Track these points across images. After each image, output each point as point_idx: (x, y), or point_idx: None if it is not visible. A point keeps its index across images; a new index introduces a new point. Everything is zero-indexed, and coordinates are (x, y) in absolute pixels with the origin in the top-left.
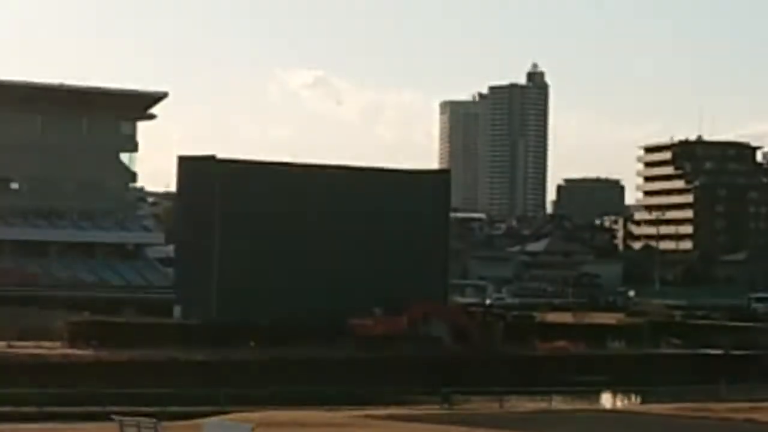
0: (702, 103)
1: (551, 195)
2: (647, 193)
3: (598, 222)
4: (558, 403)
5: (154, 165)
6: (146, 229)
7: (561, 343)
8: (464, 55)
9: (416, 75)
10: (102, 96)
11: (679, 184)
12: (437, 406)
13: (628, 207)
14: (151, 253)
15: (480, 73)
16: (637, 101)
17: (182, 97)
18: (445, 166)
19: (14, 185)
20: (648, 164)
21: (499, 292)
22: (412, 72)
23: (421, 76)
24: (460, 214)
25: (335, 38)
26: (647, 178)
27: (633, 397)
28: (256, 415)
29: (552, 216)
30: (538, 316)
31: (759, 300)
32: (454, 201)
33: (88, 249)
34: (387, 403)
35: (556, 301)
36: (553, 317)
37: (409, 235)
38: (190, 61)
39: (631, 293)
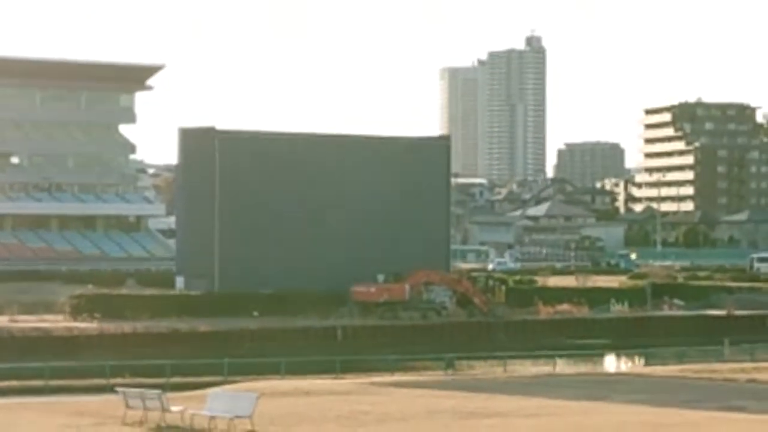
0: (702, 64)
1: (551, 159)
2: (648, 155)
3: (598, 185)
4: (561, 367)
5: (153, 136)
6: (147, 200)
7: (563, 307)
8: (463, 22)
9: (415, 42)
10: (100, 69)
11: (680, 145)
12: (441, 372)
13: (629, 169)
14: (153, 224)
15: (478, 39)
16: (635, 63)
17: (180, 68)
18: (444, 132)
19: (15, 159)
20: (648, 126)
21: (501, 256)
22: (411, 39)
23: (420, 43)
24: (460, 180)
25: (334, 6)
26: (647, 140)
27: (636, 360)
28: (261, 384)
29: (552, 180)
30: (540, 280)
31: (761, 260)
32: (454, 167)
33: (89, 222)
34: (391, 370)
35: (558, 264)
36: (555, 281)
37: (410, 201)
38: (186, 32)
39: (633, 255)
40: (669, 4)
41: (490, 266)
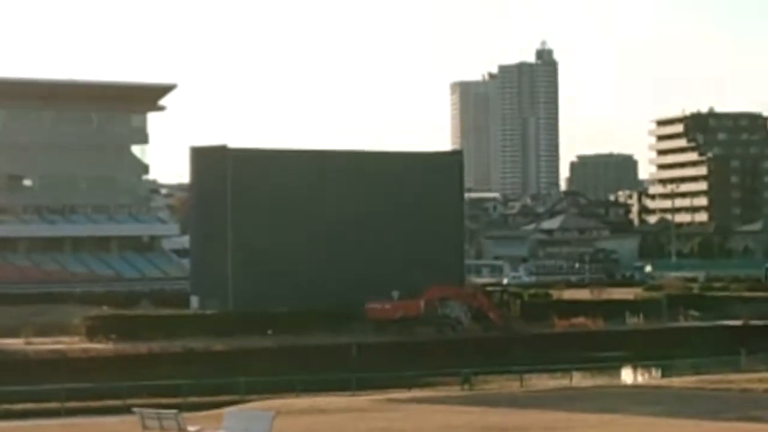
0: (713, 74)
1: (564, 172)
2: (661, 167)
3: (612, 197)
4: (578, 380)
5: (166, 156)
6: (160, 220)
7: (579, 320)
8: (473, 36)
9: (425, 57)
10: (111, 90)
11: (693, 156)
12: (458, 388)
13: (642, 181)
14: (167, 244)
15: (489, 53)
16: (646, 74)
17: (192, 88)
18: (457, 146)
19: (27, 182)
20: (660, 137)
21: (516, 270)
22: (421, 54)
23: (431, 58)
24: (473, 195)
25: (344, 22)
26: (660, 152)
27: (653, 372)
28: (277, 403)
29: (566, 193)
30: (555, 293)
31: None
32: (468, 181)
33: (103, 243)
34: (407, 387)
35: (573, 277)
36: (570, 294)
37: (424, 217)
38: (197, 52)
39: (648, 267)
40: (680, 15)
41: (505, 280)
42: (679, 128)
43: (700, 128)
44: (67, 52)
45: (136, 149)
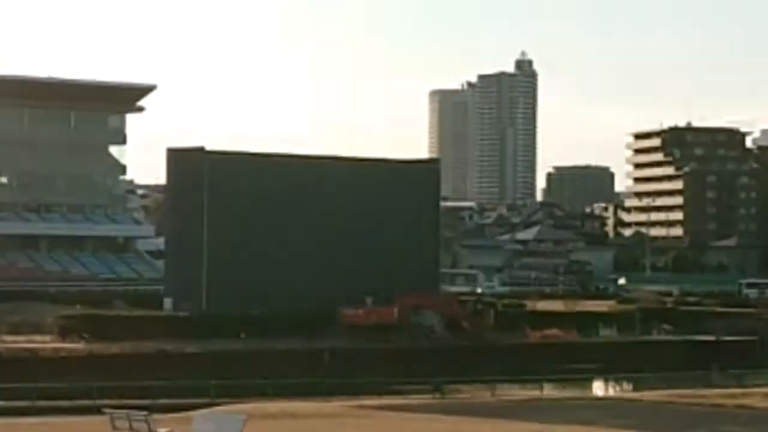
0: (691, 89)
1: (541, 183)
2: (637, 180)
3: (588, 209)
4: (550, 391)
5: (143, 157)
6: (136, 221)
7: (552, 331)
8: (452, 44)
9: (404, 64)
10: (90, 89)
11: (669, 170)
12: (429, 396)
13: (618, 194)
14: (142, 245)
15: (468, 62)
16: (625, 88)
17: (171, 89)
18: (434, 155)
19: (3, 179)
20: (637, 151)
21: (490, 280)
22: (400, 61)
23: (410, 66)
24: (449, 203)
25: (324, 27)
26: (637, 165)
27: (625, 385)
28: (248, 407)
29: (542, 204)
30: (529, 304)
31: (750, 285)
32: (444, 190)
33: (78, 242)
34: (379, 394)
35: (547, 289)
36: (543, 305)
37: (399, 224)
38: (178, 53)
39: (622, 280)
40: (659, 29)
41: (479, 290)
42: (656, 142)
43: (677, 142)
44: (46, 50)
45: (113, 149)
